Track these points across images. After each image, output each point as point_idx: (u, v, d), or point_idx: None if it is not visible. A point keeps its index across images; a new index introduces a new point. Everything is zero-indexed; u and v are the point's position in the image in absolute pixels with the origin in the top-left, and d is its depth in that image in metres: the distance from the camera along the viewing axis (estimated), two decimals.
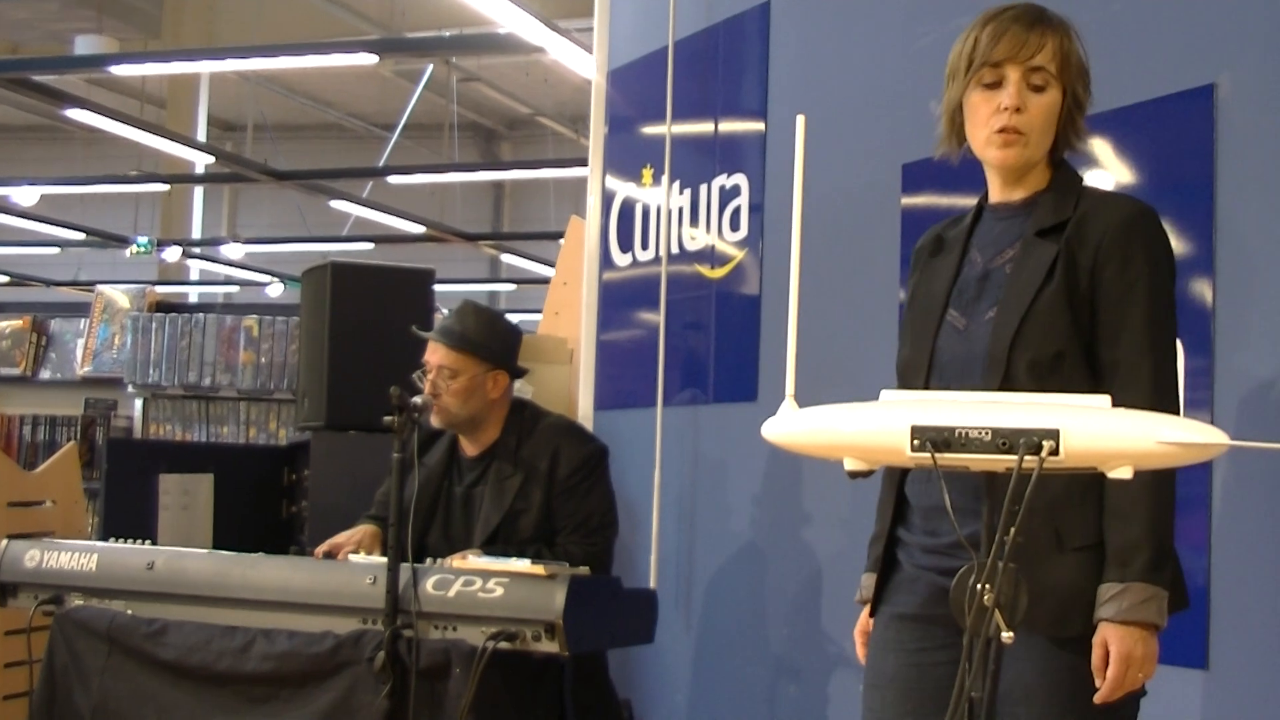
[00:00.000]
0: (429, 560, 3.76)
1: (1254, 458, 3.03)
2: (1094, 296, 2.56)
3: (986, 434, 1.89)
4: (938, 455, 1.91)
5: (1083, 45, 2.67)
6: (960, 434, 1.90)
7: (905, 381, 2.74)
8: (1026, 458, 1.86)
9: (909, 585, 2.72)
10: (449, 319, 4.26)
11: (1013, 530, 1.89)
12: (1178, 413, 2.54)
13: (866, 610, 2.83)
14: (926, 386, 2.67)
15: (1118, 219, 2.58)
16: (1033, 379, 2.51)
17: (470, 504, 4.26)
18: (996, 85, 2.63)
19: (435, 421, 4.23)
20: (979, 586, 1.93)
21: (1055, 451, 1.86)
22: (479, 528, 4.19)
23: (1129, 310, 2.54)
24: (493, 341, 4.24)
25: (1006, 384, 2.53)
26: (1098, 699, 2.45)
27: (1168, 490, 2.50)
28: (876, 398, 2.02)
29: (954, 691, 1.94)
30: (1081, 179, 2.71)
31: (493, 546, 4.09)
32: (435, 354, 4.20)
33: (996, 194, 2.74)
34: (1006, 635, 1.93)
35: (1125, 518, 2.47)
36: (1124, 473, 1.88)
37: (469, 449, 4.32)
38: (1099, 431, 1.87)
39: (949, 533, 2.61)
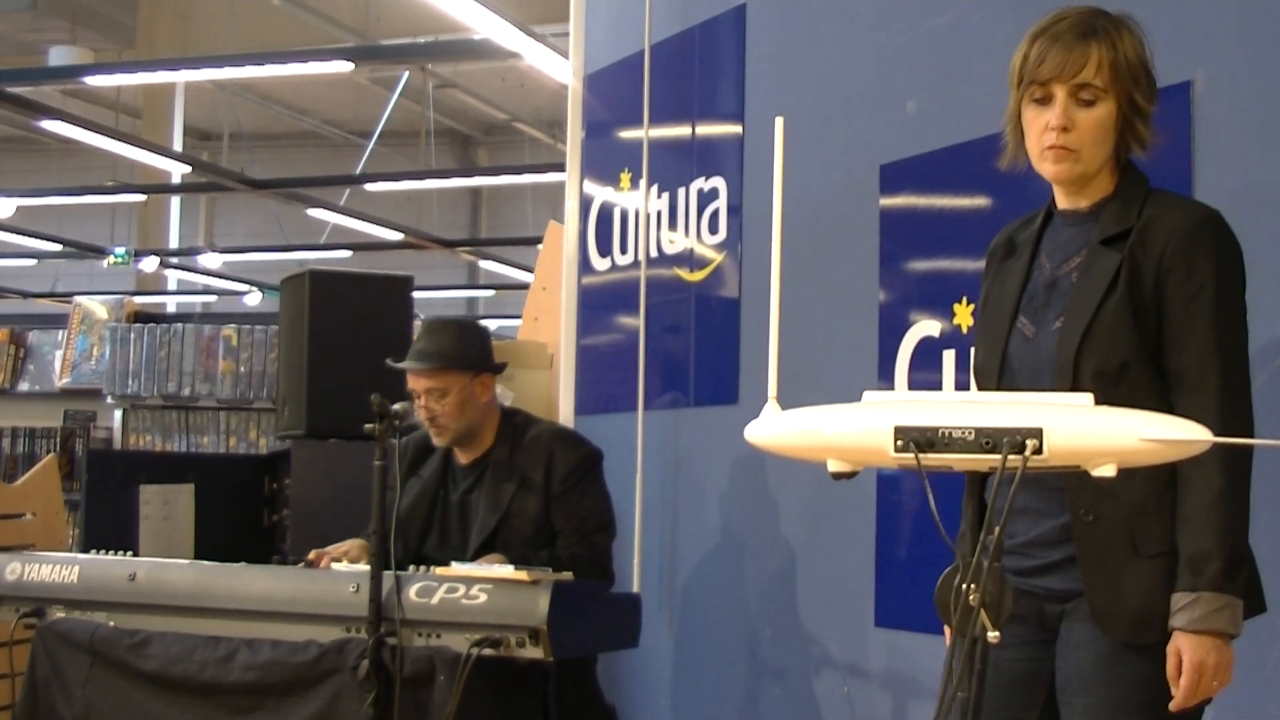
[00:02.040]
0: (411, 568, 3.75)
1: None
2: (1160, 305, 2.55)
3: (970, 434, 1.89)
4: (921, 455, 1.91)
5: (1141, 41, 2.64)
6: (944, 434, 1.90)
7: (981, 385, 2.77)
8: (1010, 457, 1.86)
9: None
10: (420, 341, 4.28)
11: (998, 529, 1.90)
12: (1249, 419, 2.54)
13: None
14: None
15: (1181, 226, 2.57)
16: (1099, 388, 2.50)
17: (466, 511, 4.27)
18: (1047, 101, 2.62)
19: (438, 442, 4.27)
20: (964, 586, 1.93)
21: (1039, 450, 1.86)
22: (475, 532, 4.20)
23: (1194, 318, 2.53)
24: (467, 349, 4.25)
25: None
26: (1173, 707, 2.46)
27: (1241, 496, 2.50)
28: (857, 398, 2.02)
29: (940, 691, 1.94)
30: (1147, 182, 2.68)
31: (489, 551, 4.08)
32: (420, 380, 4.22)
33: (1062, 201, 2.73)
34: (993, 635, 1.93)
35: (1197, 526, 2.47)
36: (1108, 470, 1.88)
37: (463, 457, 4.33)
38: (1082, 429, 1.88)
39: (1023, 533, 2.63)
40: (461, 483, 4.32)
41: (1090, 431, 1.88)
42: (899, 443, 1.92)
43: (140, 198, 19.15)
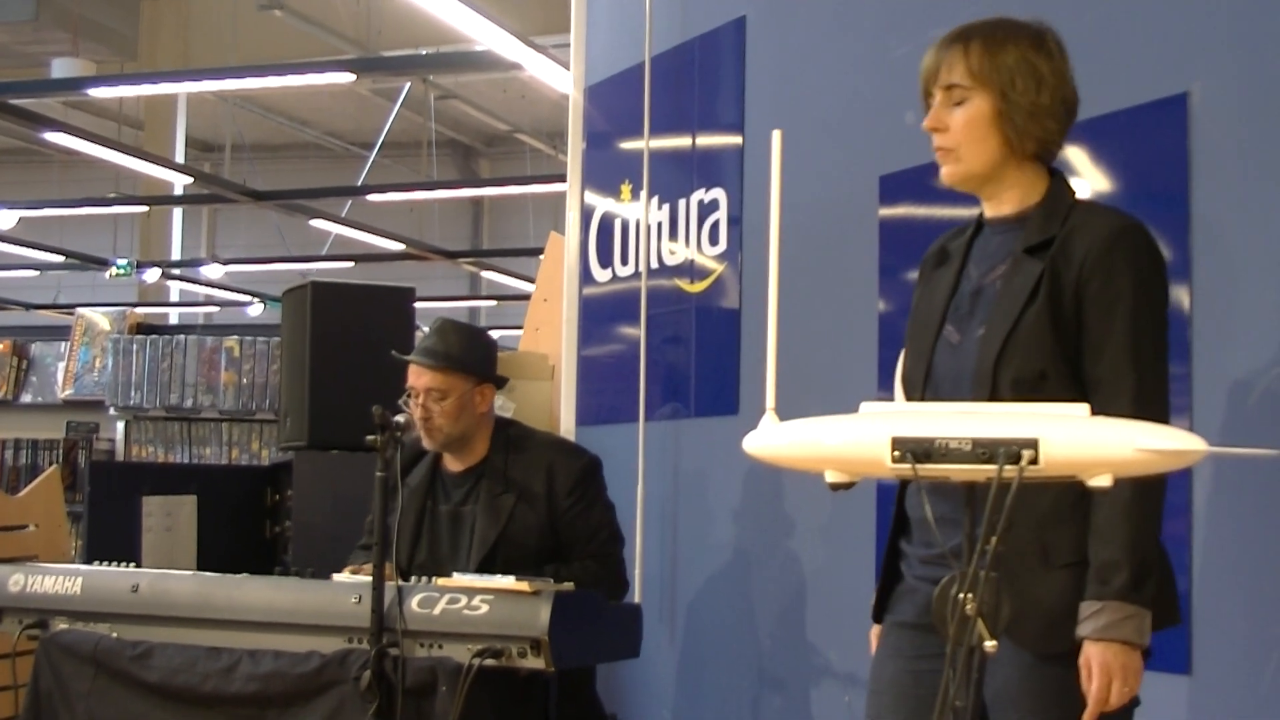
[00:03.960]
0: (414, 579, 3.75)
1: (1234, 464, 3.04)
2: (1079, 314, 2.57)
3: (967, 444, 1.90)
4: (918, 466, 1.92)
5: (1034, 45, 2.63)
6: (940, 445, 1.91)
7: (906, 394, 2.78)
8: (1006, 467, 1.87)
9: (909, 595, 2.76)
10: (429, 339, 4.22)
11: (994, 540, 1.91)
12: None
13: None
14: (923, 400, 2.70)
15: (1101, 235, 2.58)
16: (1017, 396, 2.52)
17: (458, 523, 4.22)
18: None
19: (428, 444, 4.20)
20: (961, 596, 1.94)
21: (1035, 461, 1.87)
22: (475, 547, 4.14)
23: (1112, 327, 2.54)
24: (475, 355, 4.22)
25: (993, 401, 2.55)
26: (1086, 717, 2.46)
27: (1151, 507, 2.50)
28: (856, 409, 2.03)
29: (938, 700, 1.95)
30: (1074, 193, 2.70)
31: (491, 565, 4.06)
32: (421, 377, 4.15)
33: (988, 210, 2.75)
34: (989, 644, 1.94)
35: (1106, 536, 2.48)
36: (1104, 480, 1.89)
37: (453, 465, 4.28)
38: (1078, 440, 1.89)
39: (943, 543, 2.63)
40: (453, 493, 4.27)
41: (1086, 442, 1.88)
42: (896, 453, 1.93)
43: (142, 209, 19.16)
